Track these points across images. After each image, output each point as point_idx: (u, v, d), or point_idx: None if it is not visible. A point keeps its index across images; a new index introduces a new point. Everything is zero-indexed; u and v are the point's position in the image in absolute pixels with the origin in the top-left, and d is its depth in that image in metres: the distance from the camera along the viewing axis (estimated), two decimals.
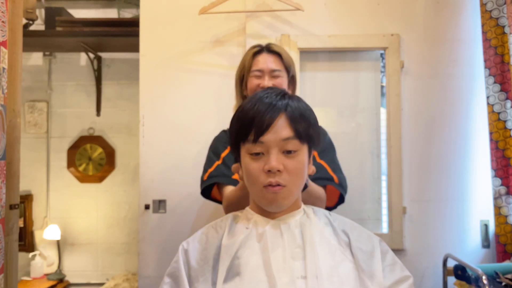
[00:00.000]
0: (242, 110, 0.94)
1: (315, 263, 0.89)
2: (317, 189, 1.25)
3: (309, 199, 1.18)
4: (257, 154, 0.91)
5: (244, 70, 1.41)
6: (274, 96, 0.93)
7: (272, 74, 1.36)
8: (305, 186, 1.10)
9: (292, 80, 1.43)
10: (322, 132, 1.46)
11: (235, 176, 1.27)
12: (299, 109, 0.93)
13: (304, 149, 0.93)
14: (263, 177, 0.90)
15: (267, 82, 1.34)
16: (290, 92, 1.41)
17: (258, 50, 1.40)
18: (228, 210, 1.27)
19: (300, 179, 0.94)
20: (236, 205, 1.20)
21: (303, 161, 0.93)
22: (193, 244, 0.97)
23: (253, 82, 1.37)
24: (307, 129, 0.93)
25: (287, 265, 0.88)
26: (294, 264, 0.89)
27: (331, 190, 1.36)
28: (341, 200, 1.40)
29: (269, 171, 0.89)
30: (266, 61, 1.37)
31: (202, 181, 1.40)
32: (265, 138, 0.89)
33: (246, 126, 0.91)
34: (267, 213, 0.97)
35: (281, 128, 0.89)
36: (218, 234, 0.97)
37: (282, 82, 1.36)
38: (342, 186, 1.35)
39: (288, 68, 1.39)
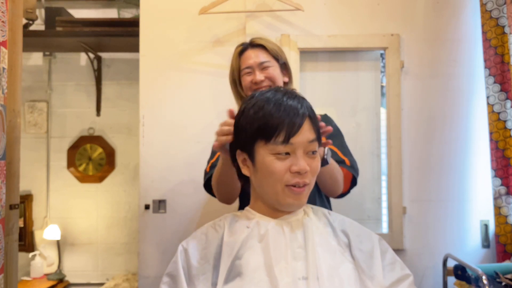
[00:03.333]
0: (263, 109, 0.92)
1: (316, 264, 0.89)
2: (337, 166, 1.26)
3: (332, 176, 1.19)
4: (286, 153, 0.91)
5: (234, 72, 1.44)
6: (295, 98, 0.94)
7: (261, 66, 1.37)
8: (325, 162, 1.10)
9: (285, 67, 1.43)
10: (328, 119, 1.47)
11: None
12: (313, 110, 0.97)
13: (319, 150, 0.97)
14: (288, 177, 0.91)
15: (258, 76, 1.36)
16: (287, 78, 1.43)
17: (242, 49, 1.42)
18: (214, 187, 1.29)
19: (315, 178, 0.97)
20: (218, 181, 1.24)
21: (319, 161, 0.96)
22: (192, 243, 0.96)
23: (246, 80, 1.39)
24: (319, 130, 0.97)
25: (289, 265, 0.88)
26: (296, 265, 0.89)
27: (343, 174, 1.36)
28: (353, 183, 1.40)
29: (297, 172, 0.90)
30: (251, 57, 1.38)
31: (205, 173, 1.42)
32: (294, 140, 0.90)
33: (273, 127, 0.90)
34: (269, 213, 0.97)
35: (307, 131, 0.92)
36: (218, 233, 0.97)
37: (274, 71, 1.38)
38: (354, 168, 1.37)
39: (276, 57, 1.40)
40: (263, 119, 0.91)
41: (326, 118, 1.47)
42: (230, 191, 1.28)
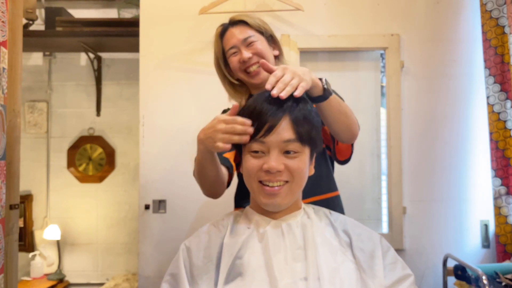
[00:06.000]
0: (248, 108, 0.94)
1: (317, 265, 0.89)
2: (341, 100, 1.13)
3: (341, 110, 1.07)
4: (257, 152, 0.91)
5: (218, 56, 1.35)
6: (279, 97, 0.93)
7: (246, 43, 1.27)
8: (328, 92, 1.00)
9: (272, 40, 1.34)
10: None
11: (226, 155, 1.22)
12: (303, 112, 0.93)
13: (305, 151, 0.93)
14: (260, 174, 0.91)
15: (245, 53, 1.26)
16: (277, 52, 1.35)
17: (223, 30, 1.32)
18: (196, 180, 1.20)
19: (302, 179, 0.94)
20: (198, 173, 1.14)
21: (304, 161, 0.93)
22: (195, 242, 0.97)
23: (233, 61, 1.30)
24: (310, 132, 0.93)
25: (288, 266, 0.88)
26: (296, 266, 0.89)
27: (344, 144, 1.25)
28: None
29: (267, 171, 0.89)
30: (234, 35, 1.28)
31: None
32: (266, 139, 0.90)
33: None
34: (268, 213, 0.97)
35: (284, 130, 0.90)
36: (220, 232, 0.97)
37: (260, 45, 1.28)
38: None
39: (260, 30, 1.30)
40: (245, 118, 0.93)
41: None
42: (214, 186, 1.18)
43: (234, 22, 1.31)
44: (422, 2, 1.98)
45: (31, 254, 2.61)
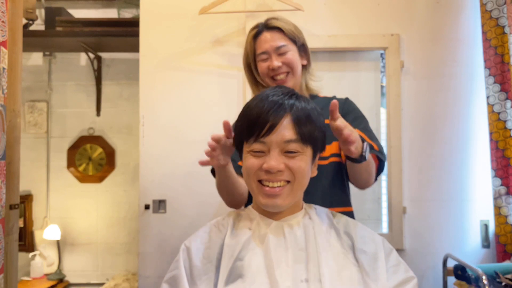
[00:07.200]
0: (248, 108, 0.94)
1: (318, 267, 0.88)
2: (371, 158, 1.17)
3: (367, 169, 1.13)
4: (257, 152, 0.90)
5: (249, 58, 1.35)
6: (281, 95, 0.92)
7: (278, 51, 1.27)
8: (363, 158, 1.02)
9: (303, 49, 1.35)
10: (348, 102, 1.40)
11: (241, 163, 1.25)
12: (305, 111, 0.91)
13: (307, 151, 0.92)
14: (259, 173, 0.90)
15: (275, 62, 1.27)
16: (305, 61, 1.35)
17: (257, 32, 1.32)
18: (218, 192, 1.24)
19: (303, 178, 0.92)
20: (217, 186, 1.21)
21: (305, 161, 0.92)
22: (195, 242, 0.96)
23: (262, 66, 1.30)
24: (312, 132, 0.91)
25: (290, 268, 0.87)
26: (297, 267, 0.88)
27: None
28: (380, 169, 1.29)
29: (267, 170, 0.89)
30: (267, 40, 1.28)
31: None
32: (267, 138, 0.89)
33: (250, 125, 0.90)
34: (269, 214, 0.96)
35: (285, 130, 0.89)
36: (221, 233, 0.96)
37: (292, 56, 1.29)
38: (382, 153, 1.27)
39: (294, 39, 1.31)
40: (245, 118, 0.93)
41: (347, 102, 1.39)
42: (232, 196, 1.21)
43: (269, 27, 1.31)
44: (422, 2, 1.98)
45: (31, 254, 2.61)
